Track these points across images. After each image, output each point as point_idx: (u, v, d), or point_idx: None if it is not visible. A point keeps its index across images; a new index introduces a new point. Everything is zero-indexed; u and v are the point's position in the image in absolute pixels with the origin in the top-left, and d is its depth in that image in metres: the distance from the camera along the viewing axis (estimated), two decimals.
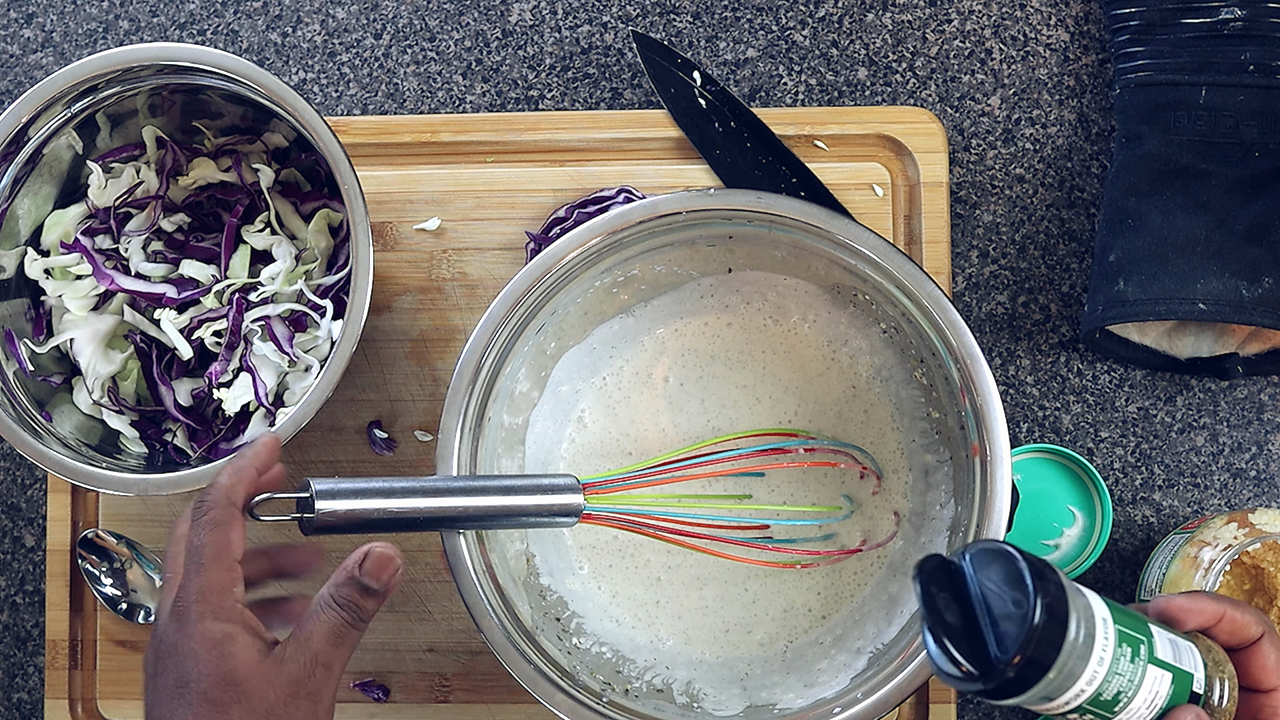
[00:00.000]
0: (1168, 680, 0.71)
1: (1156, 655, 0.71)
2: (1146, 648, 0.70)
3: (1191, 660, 0.72)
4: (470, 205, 1.03)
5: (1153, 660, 0.70)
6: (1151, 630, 0.72)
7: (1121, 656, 0.69)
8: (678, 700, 0.95)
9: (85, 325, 0.98)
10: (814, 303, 0.98)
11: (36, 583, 1.05)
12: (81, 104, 0.95)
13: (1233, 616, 0.75)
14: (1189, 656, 0.72)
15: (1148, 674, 0.70)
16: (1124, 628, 0.70)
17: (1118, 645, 0.69)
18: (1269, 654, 0.74)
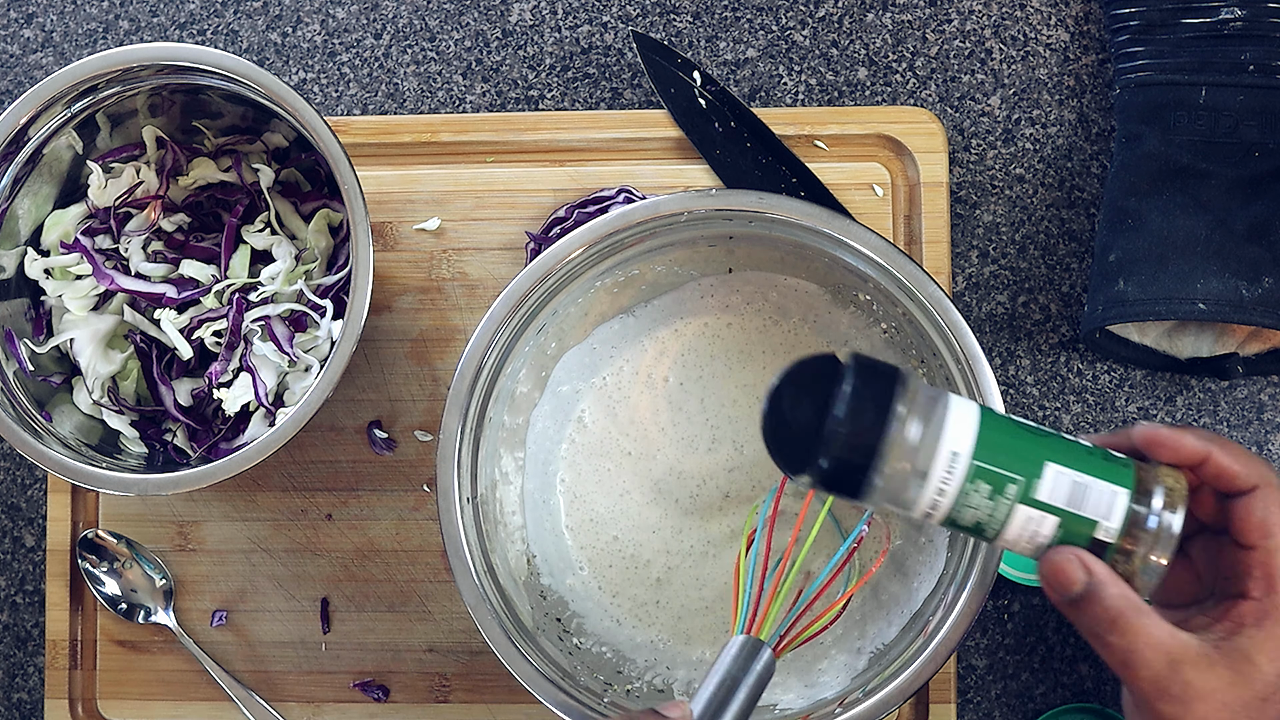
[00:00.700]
0: (1051, 522, 0.68)
1: (1034, 496, 0.68)
2: (1019, 487, 0.68)
3: (1104, 506, 0.68)
4: (470, 205, 1.03)
5: (1026, 500, 0.68)
6: (1044, 469, 0.68)
7: (974, 491, 0.68)
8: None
9: (85, 325, 0.98)
10: (814, 303, 0.98)
11: (36, 583, 1.05)
12: (81, 104, 0.95)
13: (1219, 463, 0.69)
14: (1101, 502, 0.68)
15: (1016, 512, 0.68)
16: (988, 464, 0.68)
17: (969, 480, 0.68)
18: (1256, 509, 0.68)
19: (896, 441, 0.69)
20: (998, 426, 0.70)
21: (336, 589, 1.02)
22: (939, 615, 0.89)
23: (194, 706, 1.02)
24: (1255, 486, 0.69)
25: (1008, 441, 0.69)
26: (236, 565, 1.03)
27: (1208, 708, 0.68)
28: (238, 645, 1.02)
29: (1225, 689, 0.67)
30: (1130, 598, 0.68)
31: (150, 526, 1.03)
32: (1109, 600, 0.68)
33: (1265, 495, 0.68)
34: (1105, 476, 0.68)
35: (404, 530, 1.02)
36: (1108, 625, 0.68)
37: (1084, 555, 0.69)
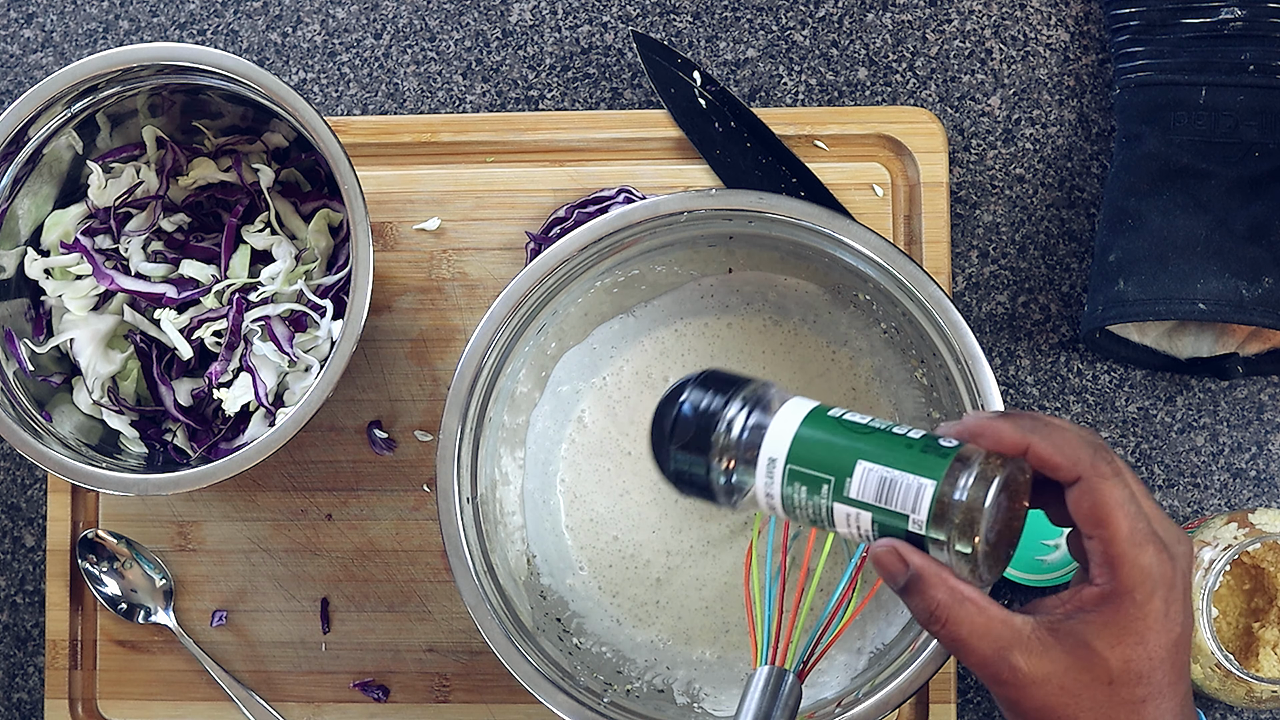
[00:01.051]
0: (867, 518, 0.70)
1: (847, 495, 0.70)
2: (830, 487, 0.70)
3: (911, 499, 0.68)
4: (470, 205, 1.03)
5: (841, 499, 0.70)
6: (854, 468, 0.70)
7: (794, 494, 0.71)
8: (678, 700, 0.95)
9: (85, 325, 0.98)
10: (814, 303, 0.98)
11: (36, 583, 1.05)
12: (81, 104, 0.95)
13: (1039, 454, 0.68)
14: (909, 495, 0.69)
15: (836, 509, 0.70)
16: (802, 467, 0.71)
17: (786, 483, 0.71)
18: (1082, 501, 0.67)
19: (721, 446, 0.73)
20: (818, 428, 0.72)
21: (336, 589, 1.02)
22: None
23: (194, 706, 1.02)
24: (1077, 477, 0.67)
25: (824, 443, 0.71)
26: (236, 565, 1.03)
27: (1044, 691, 0.67)
28: (238, 645, 1.02)
29: (1063, 673, 0.67)
30: (951, 586, 0.68)
31: (150, 526, 1.03)
32: (928, 591, 0.68)
33: (1089, 486, 0.67)
34: (915, 469, 0.69)
35: (404, 530, 1.02)
36: (929, 615, 0.68)
37: (901, 547, 0.69)
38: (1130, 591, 0.66)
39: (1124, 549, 0.66)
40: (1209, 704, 0.99)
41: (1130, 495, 0.67)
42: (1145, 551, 0.66)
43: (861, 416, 0.72)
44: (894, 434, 0.71)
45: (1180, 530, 0.69)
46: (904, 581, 0.68)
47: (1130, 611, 0.66)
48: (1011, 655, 0.67)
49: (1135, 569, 0.66)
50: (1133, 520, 0.66)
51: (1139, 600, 0.66)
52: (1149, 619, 0.66)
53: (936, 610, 0.68)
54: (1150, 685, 0.67)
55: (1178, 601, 0.67)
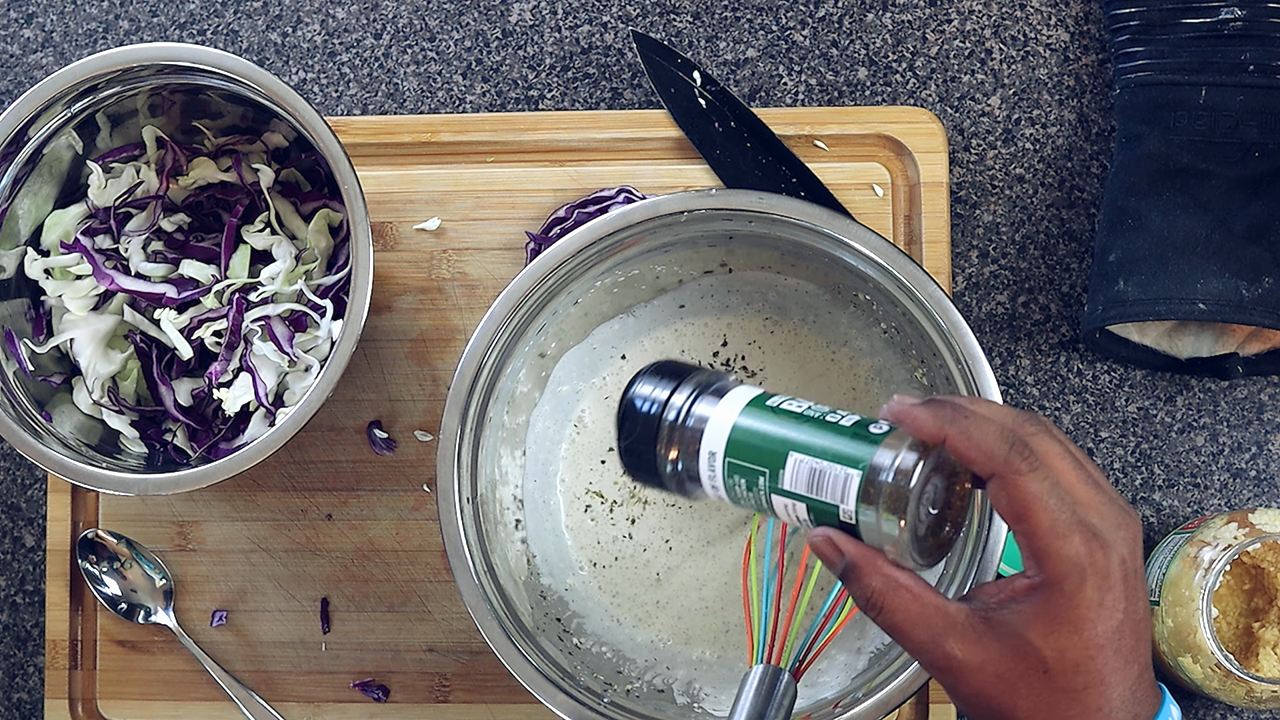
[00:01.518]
0: (802, 507, 0.70)
1: (781, 486, 0.70)
2: (767, 479, 0.71)
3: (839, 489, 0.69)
4: (470, 205, 1.03)
5: (776, 490, 0.70)
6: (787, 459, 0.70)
7: (735, 485, 0.72)
8: (678, 700, 0.95)
9: (85, 325, 0.98)
10: (814, 303, 0.98)
11: (36, 583, 1.05)
12: (81, 104, 0.95)
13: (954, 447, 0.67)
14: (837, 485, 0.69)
15: (774, 500, 0.71)
16: (739, 460, 0.71)
17: (727, 476, 0.72)
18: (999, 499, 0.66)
19: (666, 435, 0.73)
20: (755, 419, 0.72)
21: (336, 589, 1.02)
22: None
23: (194, 706, 1.02)
24: (991, 473, 0.66)
25: (758, 435, 0.71)
26: (236, 565, 1.03)
27: (979, 679, 0.67)
28: (238, 645, 1.02)
29: (996, 661, 0.67)
30: (886, 573, 0.68)
31: (150, 526, 1.03)
32: (863, 578, 0.68)
33: (1001, 483, 0.66)
34: (843, 458, 0.69)
35: (404, 530, 1.02)
36: (866, 602, 0.68)
37: (835, 536, 0.69)
38: (1058, 582, 0.65)
39: (1046, 541, 0.65)
40: (1209, 704, 0.99)
41: (1051, 486, 0.66)
42: (1069, 542, 0.65)
43: (800, 404, 0.72)
44: (827, 421, 0.71)
45: (1123, 513, 0.68)
46: (841, 569, 0.68)
47: (1060, 602, 0.66)
48: (946, 642, 0.67)
49: (1060, 560, 0.65)
50: (1053, 512, 0.65)
51: (1068, 591, 0.65)
52: (1081, 609, 0.66)
53: (872, 597, 0.68)
54: (1090, 673, 0.66)
55: (1115, 588, 0.66)
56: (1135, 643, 0.67)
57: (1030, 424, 0.68)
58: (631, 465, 0.75)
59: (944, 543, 0.70)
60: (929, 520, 0.69)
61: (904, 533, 0.68)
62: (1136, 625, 0.67)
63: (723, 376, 0.75)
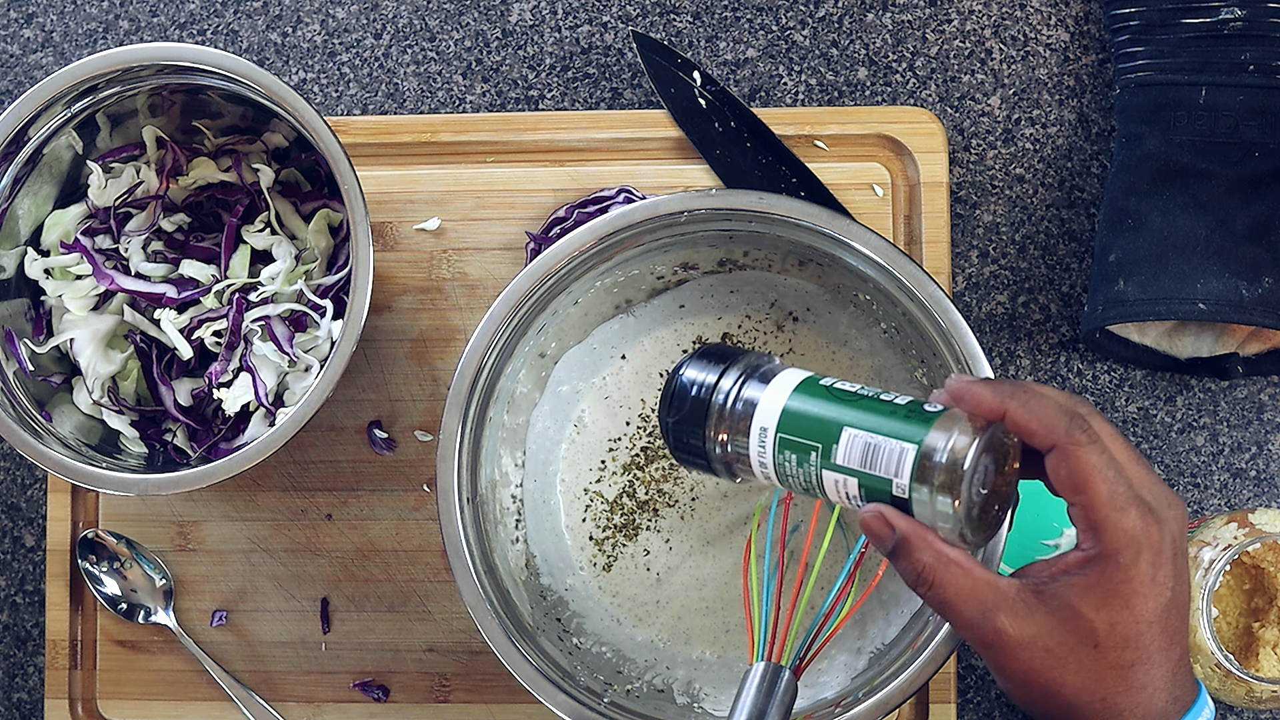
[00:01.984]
0: (854, 483, 0.71)
1: (834, 461, 0.71)
2: (819, 454, 0.72)
3: (894, 464, 0.70)
4: (470, 205, 1.03)
5: (829, 466, 0.72)
6: (840, 435, 0.71)
7: (785, 462, 0.73)
8: (678, 700, 0.95)
9: (85, 325, 0.98)
10: (814, 303, 0.98)
11: (36, 583, 1.05)
12: (81, 104, 0.95)
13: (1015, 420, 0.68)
14: (891, 460, 0.70)
15: (825, 476, 0.72)
16: (792, 435, 0.73)
17: (778, 452, 0.73)
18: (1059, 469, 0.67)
19: (716, 416, 0.75)
20: (807, 397, 0.74)
21: (336, 589, 1.02)
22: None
23: (194, 706, 1.02)
24: (1052, 445, 0.67)
25: (812, 412, 0.73)
26: (236, 565, 1.03)
27: (1029, 654, 0.68)
28: (238, 645, 1.02)
29: (1046, 635, 0.67)
30: (937, 549, 0.68)
31: (150, 526, 1.03)
32: (914, 554, 0.69)
33: (1064, 453, 0.67)
34: (898, 435, 0.70)
35: (404, 530, 1.02)
36: (916, 578, 0.69)
37: (888, 512, 0.69)
38: (1114, 555, 0.66)
39: (1105, 513, 0.66)
40: None
41: (1109, 460, 0.67)
42: (1127, 515, 0.66)
43: (851, 385, 0.74)
44: (880, 400, 0.72)
45: (1172, 495, 0.69)
46: (891, 545, 0.69)
47: (1115, 575, 0.66)
48: (996, 617, 0.68)
49: (1118, 532, 0.66)
50: (1112, 484, 0.66)
51: (1123, 564, 0.66)
52: (1134, 582, 0.66)
53: (923, 572, 0.69)
54: (1139, 650, 0.67)
55: (1167, 565, 0.67)
56: (1180, 623, 0.68)
57: (1083, 404, 0.69)
58: (680, 447, 0.77)
59: (994, 522, 0.71)
60: (980, 499, 0.69)
61: (958, 510, 0.68)
62: (1181, 606, 0.68)
63: (770, 359, 0.77)
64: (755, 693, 0.78)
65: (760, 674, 0.78)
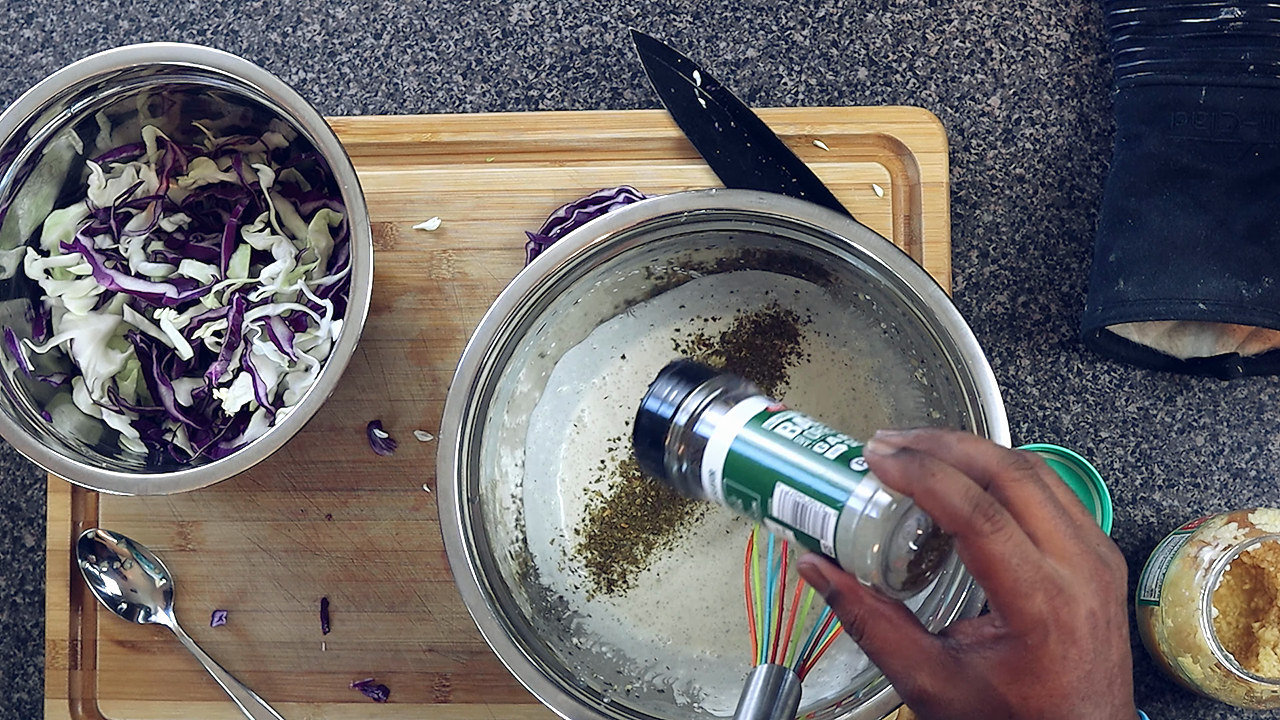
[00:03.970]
0: (790, 534, 0.72)
1: (771, 513, 0.72)
2: (759, 504, 0.72)
3: (819, 525, 0.70)
4: (470, 205, 1.03)
5: (766, 516, 0.72)
6: (774, 490, 0.71)
7: (734, 504, 0.74)
8: (678, 700, 0.95)
9: (85, 325, 0.98)
10: (814, 303, 0.98)
11: (36, 583, 1.05)
12: (81, 104, 0.95)
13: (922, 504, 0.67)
14: (817, 521, 0.70)
15: (768, 523, 0.73)
16: (736, 482, 0.73)
17: (727, 495, 0.74)
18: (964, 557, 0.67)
19: (675, 441, 0.75)
20: (751, 441, 0.73)
21: (336, 589, 1.02)
22: (939, 615, 0.89)
23: (194, 706, 1.02)
24: (954, 533, 0.67)
25: (752, 460, 0.73)
26: (236, 565, 1.03)
27: (947, 713, 0.69)
28: (238, 645, 1.02)
29: (962, 700, 0.68)
30: (867, 602, 0.69)
31: (150, 526, 1.03)
32: (847, 605, 0.70)
33: (964, 543, 0.67)
34: (824, 496, 0.70)
35: (404, 530, 1.02)
36: (849, 628, 0.70)
37: (820, 564, 0.70)
38: (1022, 637, 0.67)
39: (1008, 599, 0.66)
40: (1209, 704, 0.99)
41: (1015, 546, 0.66)
42: (1031, 601, 0.66)
43: (795, 425, 0.73)
44: (814, 451, 0.72)
45: (1097, 564, 0.68)
46: (827, 594, 0.70)
47: (1024, 655, 0.67)
48: (919, 674, 0.69)
49: (1023, 617, 0.66)
50: (1015, 572, 0.66)
51: (1031, 645, 0.66)
52: (1044, 661, 0.67)
53: (855, 623, 0.70)
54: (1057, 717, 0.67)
55: (1081, 642, 0.67)
56: (1107, 686, 0.68)
57: (1014, 469, 0.68)
58: (643, 461, 0.77)
59: (918, 578, 0.70)
60: (906, 556, 0.69)
61: (875, 569, 0.69)
62: (1110, 671, 0.68)
63: (738, 384, 0.76)
64: (760, 696, 0.78)
65: (764, 676, 0.78)
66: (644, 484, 0.98)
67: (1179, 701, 0.99)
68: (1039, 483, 0.68)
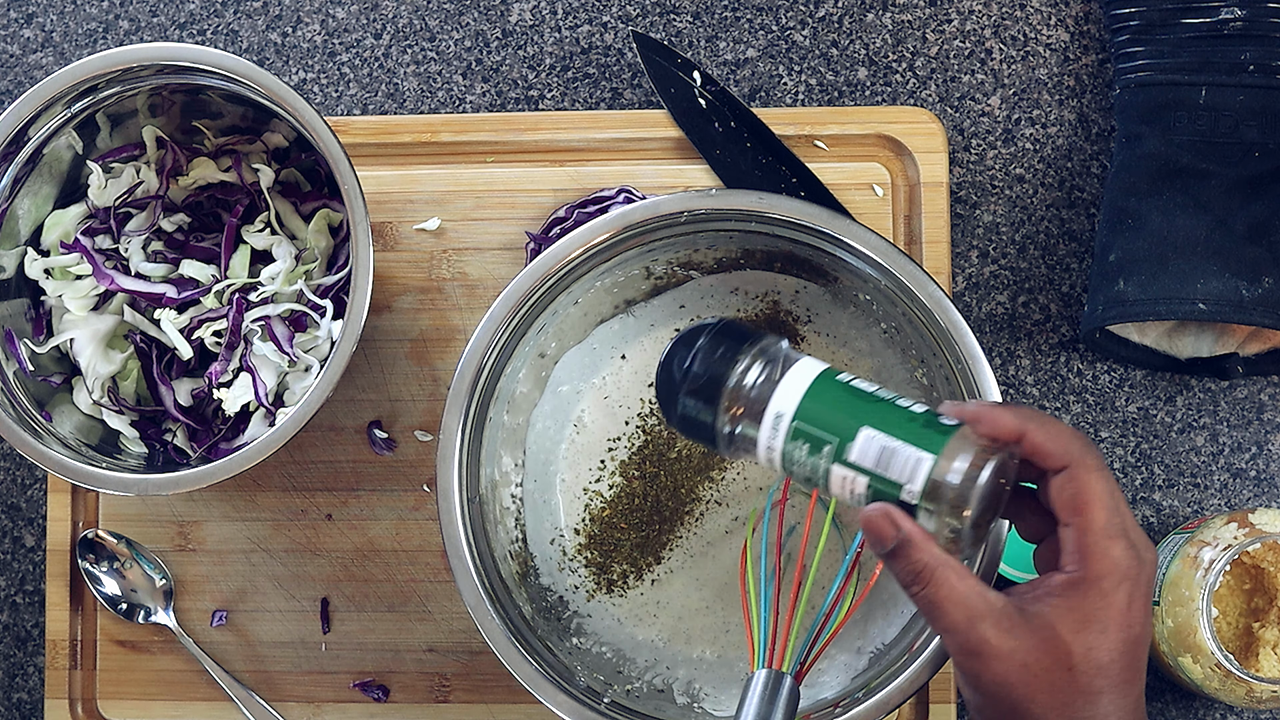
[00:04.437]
0: (863, 481, 0.72)
1: (846, 458, 0.72)
2: (833, 448, 0.72)
3: (908, 470, 0.71)
4: (470, 205, 1.03)
5: (840, 461, 0.72)
6: (858, 433, 0.72)
7: (795, 450, 0.74)
8: (678, 700, 0.95)
9: (85, 325, 0.98)
10: (814, 303, 0.98)
11: (36, 583, 1.05)
12: (81, 104, 0.95)
13: (1033, 441, 0.71)
14: (906, 466, 0.71)
15: (834, 470, 0.73)
16: (808, 424, 0.73)
17: (789, 439, 0.73)
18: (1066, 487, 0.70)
19: (731, 395, 0.75)
20: (827, 390, 0.74)
21: (336, 589, 1.02)
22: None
23: (194, 706, 1.02)
24: (1065, 465, 0.70)
25: (832, 405, 0.73)
26: (236, 565, 1.03)
27: (1005, 666, 0.69)
28: (238, 645, 1.02)
29: (1025, 651, 0.69)
30: (935, 553, 0.70)
31: (150, 526, 1.03)
32: (914, 554, 0.70)
33: (1074, 474, 0.70)
34: (916, 442, 0.71)
35: (404, 530, 1.02)
36: (912, 577, 0.71)
37: (894, 512, 0.71)
38: (1098, 580, 0.68)
39: (1096, 539, 0.69)
40: (1209, 704, 0.99)
41: (1111, 490, 0.70)
42: (1116, 544, 0.69)
43: (869, 384, 0.74)
44: (898, 405, 0.73)
45: (1150, 542, 0.71)
46: (892, 545, 0.71)
47: (1095, 600, 0.68)
48: (981, 625, 0.69)
49: (1105, 559, 0.68)
50: (1109, 513, 0.69)
51: (1105, 590, 0.68)
52: (1112, 610, 0.68)
53: (922, 572, 0.71)
54: (1109, 678, 0.69)
55: (1140, 600, 0.69)
56: (1142, 663, 0.71)
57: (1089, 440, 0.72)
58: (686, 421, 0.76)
59: (982, 537, 0.73)
60: (979, 517, 0.71)
61: (965, 525, 0.70)
62: (1145, 645, 0.71)
63: (785, 343, 0.77)
64: (758, 701, 0.78)
65: (762, 682, 0.79)
66: (644, 484, 0.98)
67: (1179, 701, 0.99)
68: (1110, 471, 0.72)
